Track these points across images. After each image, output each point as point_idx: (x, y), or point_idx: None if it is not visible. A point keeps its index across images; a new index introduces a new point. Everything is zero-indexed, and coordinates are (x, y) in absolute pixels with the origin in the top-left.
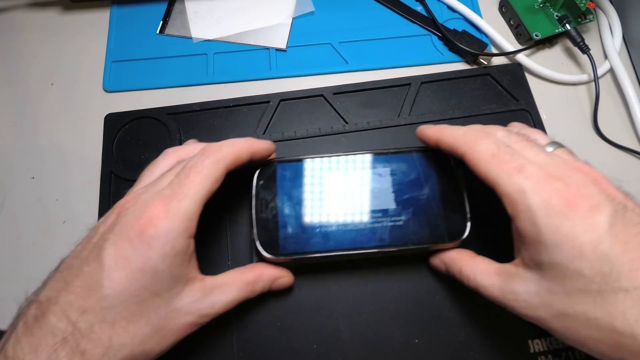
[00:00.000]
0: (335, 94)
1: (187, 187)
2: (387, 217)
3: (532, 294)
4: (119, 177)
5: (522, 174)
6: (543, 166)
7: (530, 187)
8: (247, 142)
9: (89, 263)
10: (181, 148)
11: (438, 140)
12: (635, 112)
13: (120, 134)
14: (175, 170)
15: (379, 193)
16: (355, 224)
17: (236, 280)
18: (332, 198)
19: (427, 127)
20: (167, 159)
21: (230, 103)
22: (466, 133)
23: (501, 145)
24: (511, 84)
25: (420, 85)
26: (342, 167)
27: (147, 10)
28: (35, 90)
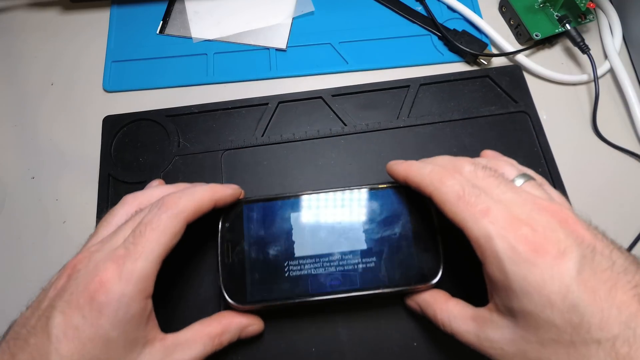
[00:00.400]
0: (334, 95)
1: (142, 245)
2: (358, 259)
3: (507, 342)
4: (117, 180)
5: (487, 217)
6: (509, 207)
7: (495, 233)
8: (209, 190)
9: (36, 333)
10: (141, 194)
11: (406, 177)
12: (635, 113)
13: (119, 136)
14: (131, 224)
15: (349, 233)
16: (326, 267)
17: (201, 335)
18: (301, 240)
19: (396, 163)
20: (125, 207)
21: (229, 105)
22: (432, 171)
23: (467, 186)
24: (510, 85)
25: (419, 87)
26: (311, 206)
27: (147, 10)
28: (35, 90)
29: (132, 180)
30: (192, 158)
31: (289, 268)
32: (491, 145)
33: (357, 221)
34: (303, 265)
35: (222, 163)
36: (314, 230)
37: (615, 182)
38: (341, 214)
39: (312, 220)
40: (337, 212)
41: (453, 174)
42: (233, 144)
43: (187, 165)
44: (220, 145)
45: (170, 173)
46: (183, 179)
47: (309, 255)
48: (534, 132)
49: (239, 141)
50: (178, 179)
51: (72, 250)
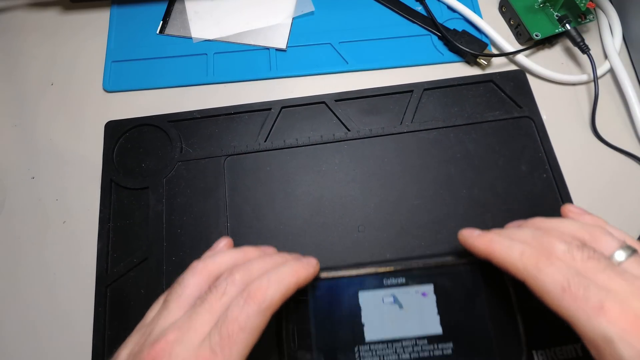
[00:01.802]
0: (337, 100)
1: (229, 349)
2: (434, 345)
3: None
4: (120, 186)
5: (604, 316)
6: (625, 301)
7: (618, 336)
8: (294, 275)
9: None
10: (211, 262)
11: (489, 256)
12: (635, 113)
13: (121, 142)
14: (211, 307)
15: (424, 315)
16: (399, 353)
17: None
18: (370, 323)
19: (472, 235)
20: (195, 277)
21: (231, 110)
22: (524, 255)
23: (570, 275)
24: (514, 90)
25: (423, 92)
26: (381, 285)
27: (147, 10)
28: (35, 90)
29: (134, 187)
30: (195, 164)
31: (359, 354)
32: (495, 151)
33: (431, 302)
34: (375, 351)
35: (224, 169)
36: (385, 312)
37: (615, 183)
38: (414, 294)
39: (382, 300)
40: (410, 292)
41: (549, 257)
42: (236, 150)
43: (189, 171)
44: (222, 151)
45: (173, 179)
46: (185, 184)
47: (380, 340)
48: (539, 137)
49: (241, 147)
50: (180, 185)
51: (73, 250)
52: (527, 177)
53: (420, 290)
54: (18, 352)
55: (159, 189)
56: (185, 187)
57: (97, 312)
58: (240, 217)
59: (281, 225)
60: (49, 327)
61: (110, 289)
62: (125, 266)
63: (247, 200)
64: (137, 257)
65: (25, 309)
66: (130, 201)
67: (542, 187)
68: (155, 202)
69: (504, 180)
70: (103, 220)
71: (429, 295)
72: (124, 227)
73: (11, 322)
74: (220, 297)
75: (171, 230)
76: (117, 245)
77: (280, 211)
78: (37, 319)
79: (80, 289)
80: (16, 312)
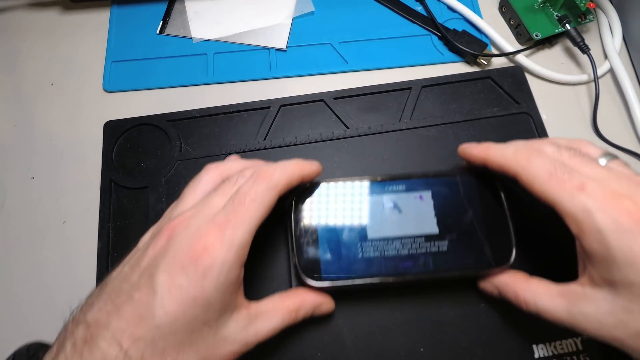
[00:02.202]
0: (336, 98)
1: (241, 214)
2: (431, 243)
3: (605, 314)
4: (119, 185)
5: (584, 192)
6: (604, 182)
7: (595, 206)
8: (298, 165)
9: (140, 289)
10: (222, 164)
11: (485, 159)
12: (636, 113)
13: (120, 142)
14: (225, 190)
15: (422, 218)
16: (399, 249)
17: (280, 307)
18: (374, 222)
19: (471, 145)
20: (209, 174)
21: (231, 109)
22: (517, 152)
23: (557, 163)
24: (512, 87)
25: (421, 89)
26: (384, 190)
27: (147, 10)
28: (35, 90)
29: (134, 186)
30: (194, 163)
31: (362, 249)
32: None
33: (429, 206)
34: (376, 247)
35: None
36: (387, 213)
37: None
38: (414, 199)
39: (385, 203)
40: (410, 197)
41: (539, 153)
42: (235, 148)
43: (189, 170)
44: (222, 150)
45: (173, 178)
46: (185, 184)
47: (382, 237)
48: (537, 133)
49: (241, 145)
50: (180, 184)
51: (73, 250)
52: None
53: (418, 195)
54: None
55: (159, 188)
56: (185, 186)
57: None
58: None
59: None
60: (49, 327)
61: None
62: None
63: None
64: None
65: (25, 309)
66: (130, 201)
67: None
68: (155, 201)
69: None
70: (103, 220)
71: (427, 200)
72: (124, 226)
73: (11, 323)
74: (233, 185)
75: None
76: (118, 244)
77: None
78: (37, 319)
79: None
80: (16, 312)
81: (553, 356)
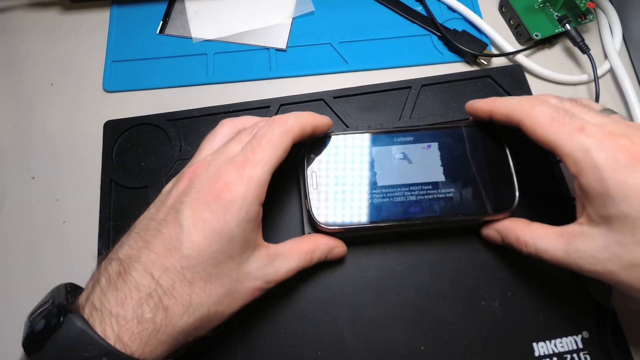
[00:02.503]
0: (336, 97)
1: (259, 154)
2: (438, 189)
3: (600, 249)
4: (119, 185)
5: (583, 133)
6: (603, 125)
7: (594, 145)
8: (310, 115)
9: (167, 224)
10: (236, 119)
11: (491, 111)
12: (636, 113)
13: (120, 141)
14: (241, 138)
15: (428, 166)
16: (407, 195)
17: (296, 249)
18: (382, 171)
19: (477, 100)
20: (225, 127)
21: (230, 108)
22: (521, 101)
23: (560, 110)
24: (511, 85)
25: (421, 88)
26: (393, 141)
27: (147, 10)
28: (35, 90)
29: (134, 185)
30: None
31: (372, 195)
32: None
33: (436, 155)
34: (385, 194)
35: None
36: (395, 162)
37: None
38: (421, 149)
39: (393, 153)
40: (417, 147)
41: (543, 101)
42: None
43: None
44: None
45: (172, 177)
46: None
47: (390, 184)
48: None
49: None
50: None
51: (73, 250)
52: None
53: (425, 146)
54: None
55: (159, 187)
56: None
57: None
58: None
59: (281, 222)
60: None
61: None
62: None
63: None
64: None
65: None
66: (130, 200)
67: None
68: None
69: None
70: (103, 220)
71: (434, 149)
72: (124, 226)
73: (11, 323)
74: (249, 133)
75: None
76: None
77: (280, 207)
78: None
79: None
80: (16, 312)
81: (553, 354)
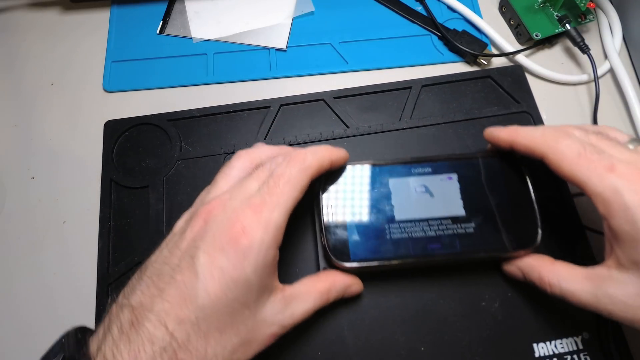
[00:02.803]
0: (336, 98)
1: (277, 196)
2: (458, 224)
3: (632, 296)
4: (120, 185)
5: (614, 173)
6: (633, 164)
7: (625, 186)
8: (328, 150)
9: (182, 271)
10: (252, 151)
11: (513, 141)
12: (636, 113)
13: (120, 141)
14: (259, 176)
15: (449, 199)
16: (426, 230)
17: (312, 290)
18: (400, 204)
19: (498, 129)
20: (241, 161)
21: (231, 108)
22: (545, 133)
23: (586, 144)
24: (512, 86)
25: (421, 88)
26: (410, 172)
27: (147, 10)
28: (35, 90)
29: (134, 185)
30: (195, 162)
31: (389, 231)
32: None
33: (455, 188)
34: (404, 228)
35: None
36: (414, 195)
37: None
38: (440, 181)
39: (411, 185)
40: (436, 179)
41: (568, 135)
42: (236, 147)
43: (189, 169)
44: (222, 149)
45: (173, 177)
46: (185, 183)
47: (409, 219)
48: None
49: (241, 144)
50: (181, 184)
51: (73, 250)
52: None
53: (444, 177)
54: (18, 353)
55: (159, 187)
56: (185, 185)
57: (98, 311)
58: None
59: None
60: (50, 327)
61: (111, 288)
62: (127, 265)
63: None
64: (138, 256)
65: (26, 310)
66: (130, 200)
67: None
68: (156, 200)
69: None
70: (103, 220)
71: (453, 182)
72: (124, 226)
73: (11, 323)
74: (266, 170)
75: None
76: (118, 244)
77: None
78: (37, 319)
79: (82, 288)
80: (16, 312)
81: (553, 355)
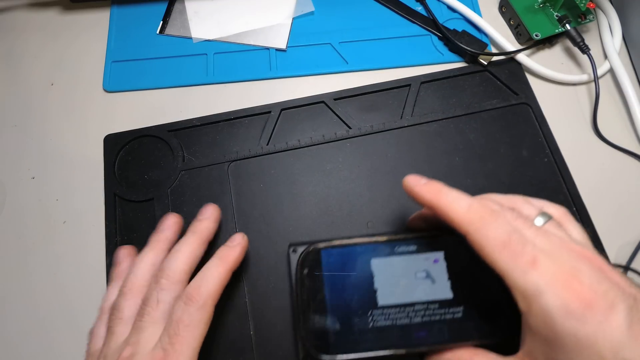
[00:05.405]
0: (336, 99)
1: (179, 345)
2: (446, 308)
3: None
4: (124, 199)
5: (536, 270)
6: (551, 256)
7: (547, 288)
8: (222, 266)
9: None
10: (131, 279)
11: (434, 205)
12: (635, 113)
13: (121, 155)
14: (152, 319)
15: (434, 281)
16: (411, 317)
17: None
18: (383, 288)
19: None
20: (127, 298)
21: (231, 115)
22: (470, 210)
23: (511, 231)
24: (510, 78)
25: (420, 85)
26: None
27: (147, 10)
28: (35, 90)
29: (139, 199)
30: (199, 172)
31: (372, 318)
32: (496, 138)
33: (441, 268)
34: (387, 315)
35: (229, 175)
36: (397, 277)
37: (616, 182)
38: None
39: (394, 266)
40: (419, 259)
41: (494, 216)
42: (239, 155)
43: (193, 179)
44: (225, 157)
45: (178, 188)
46: (190, 193)
47: (392, 304)
48: (537, 122)
49: (244, 151)
50: (186, 194)
51: (73, 250)
52: (529, 162)
53: (431, 258)
54: (18, 353)
55: (164, 199)
56: (190, 195)
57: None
58: (248, 222)
59: (290, 227)
60: (52, 327)
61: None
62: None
63: (254, 205)
64: None
65: (26, 310)
66: (135, 214)
67: (545, 171)
68: (162, 213)
69: (507, 167)
70: (110, 235)
71: (440, 262)
72: (131, 240)
73: (13, 323)
74: (157, 306)
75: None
76: None
77: (288, 213)
78: (37, 319)
79: (82, 288)
80: (17, 312)
81: None
